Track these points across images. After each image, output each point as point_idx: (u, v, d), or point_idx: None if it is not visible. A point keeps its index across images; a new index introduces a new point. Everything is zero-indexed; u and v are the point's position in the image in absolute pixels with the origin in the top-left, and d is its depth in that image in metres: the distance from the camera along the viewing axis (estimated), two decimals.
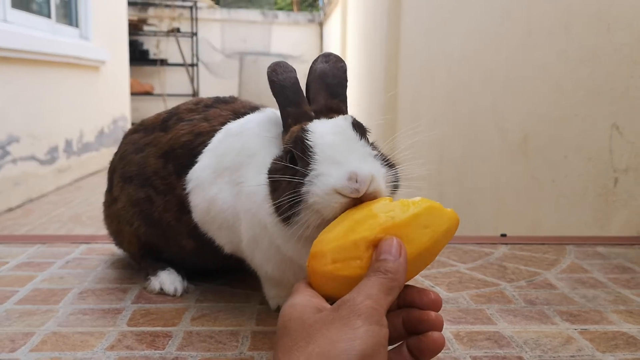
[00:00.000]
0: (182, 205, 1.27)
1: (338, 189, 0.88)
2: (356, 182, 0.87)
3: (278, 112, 1.16)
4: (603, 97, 2.08)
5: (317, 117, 1.06)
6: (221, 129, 1.27)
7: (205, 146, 1.26)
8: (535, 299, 1.37)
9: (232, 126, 1.25)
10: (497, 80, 3.00)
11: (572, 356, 1.09)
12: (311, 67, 1.16)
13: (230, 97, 1.40)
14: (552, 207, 2.40)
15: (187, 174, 1.26)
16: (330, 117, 1.05)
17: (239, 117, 1.28)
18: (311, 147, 0.96)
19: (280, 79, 1.10)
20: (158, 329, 1.18)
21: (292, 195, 0.95)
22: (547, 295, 1.40)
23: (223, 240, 1.24)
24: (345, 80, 1.14)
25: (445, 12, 3.92)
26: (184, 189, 1.26)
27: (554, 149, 2.39)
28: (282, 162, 1.03)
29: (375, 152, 0.97)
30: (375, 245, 0.79)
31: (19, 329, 1.17)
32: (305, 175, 0.94)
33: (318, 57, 1.17)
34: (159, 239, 1.37)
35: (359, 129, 1.01)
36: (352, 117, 1.02)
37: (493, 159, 3.01)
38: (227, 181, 1.18)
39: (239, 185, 1.15)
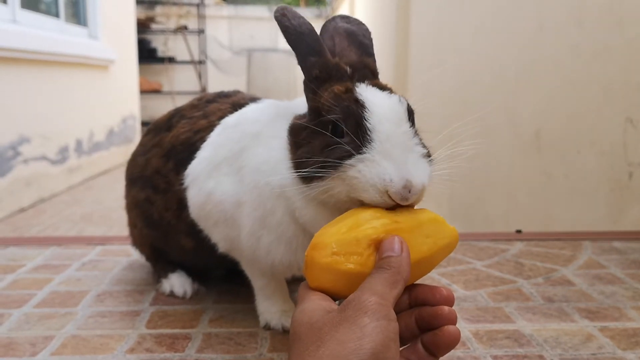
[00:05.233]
0: (181, 203, 1.24)
1: (391, 192, 0.83)
2: (409, 192, 0.83)
3: (278, 101, 1.14)
4: (616, 91, 2.07)
5: (354, 73, 0.99)
6: (219, 123, 1.23)
7: (204, 141, 1.22)
8: (554, 296, 1.37)
9: (229, 119, 1.21)
10: (508, 75, 2.99)
11: (593, 354, 1.08)
12: (326, 25, 1.09)
13: (233, 91, 1.37)
14: (565, 203, 2.38)
15: (186, 169, 1.22)
16: (374, 84, 0.98)
17: (237, 109, 1.24)
18: (369, 132, 0.87)
19: (294, 24, 0.98)
20: (177, 331, 1.19)
21: (325, 159, 0.89)
22: (565, 292, 1.40)
23: (218, 236, 1.19)
24: (373, 42, 1.09)
25: (455, 6, 3.90)
26: (182, 184, 1.22)
27: (566, 144, 2.37)
28: (306, 122, 0.98)
29: (424, 150, 0.92)
30: (377, 244, 0.79)
31: (38, 333, 1.18)
32: (350, 152, 0.87)
33: (335, 17, 1.10)
34: (160, 241, 1.37)
35: (411, 117, 0.94)
36: (406, 100, 0.95)
37: (505, 154, 2.99)
38: (226, 172, 1.13)
39: (242, 171, 1.09)
